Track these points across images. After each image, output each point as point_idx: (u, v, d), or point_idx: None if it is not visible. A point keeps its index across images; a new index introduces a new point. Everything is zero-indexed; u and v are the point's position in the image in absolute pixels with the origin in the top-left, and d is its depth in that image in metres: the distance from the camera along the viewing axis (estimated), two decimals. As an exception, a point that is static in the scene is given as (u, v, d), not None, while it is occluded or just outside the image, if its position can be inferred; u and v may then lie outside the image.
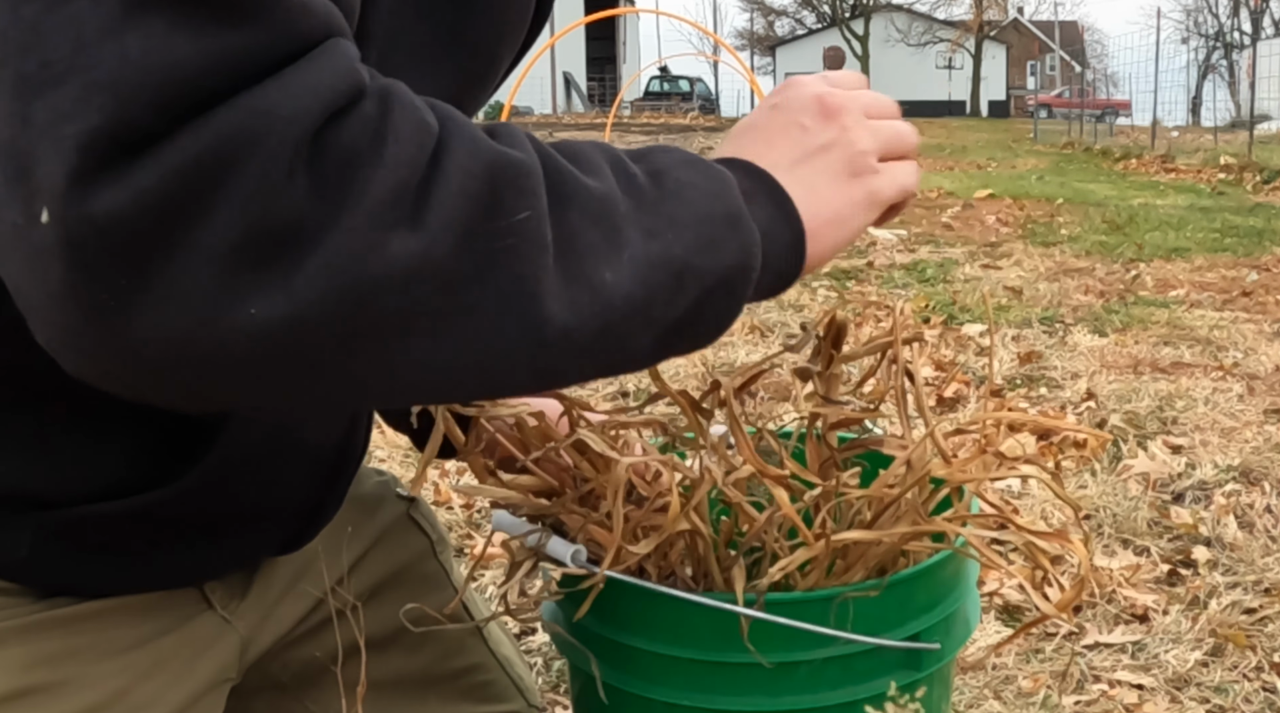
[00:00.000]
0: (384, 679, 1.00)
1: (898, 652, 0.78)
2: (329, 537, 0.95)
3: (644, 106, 40.79)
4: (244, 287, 0.49)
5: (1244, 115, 23.17)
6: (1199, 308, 5.63)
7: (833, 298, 5.81)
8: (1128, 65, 40.56)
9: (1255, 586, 2.58)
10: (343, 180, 0.51)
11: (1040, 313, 5.40)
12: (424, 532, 1.08)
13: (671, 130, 23.85)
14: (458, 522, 2.83)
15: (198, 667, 0.86)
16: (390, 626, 0.99)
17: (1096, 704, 2.14)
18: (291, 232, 0.50)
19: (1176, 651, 2.30)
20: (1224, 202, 10.96)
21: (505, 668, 1.09)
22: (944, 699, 0.86)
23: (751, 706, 0.77)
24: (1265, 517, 2.97)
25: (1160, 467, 3.28)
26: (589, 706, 0.85)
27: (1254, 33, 41.59)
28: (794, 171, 0.71)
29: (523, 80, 12.18)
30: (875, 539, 0.76)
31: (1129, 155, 17.21)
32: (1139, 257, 7.26)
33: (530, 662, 2.28)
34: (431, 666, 1.04)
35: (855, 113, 0.75)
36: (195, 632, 0.86)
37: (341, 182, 0.51)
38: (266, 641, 0.93)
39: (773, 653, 0.75)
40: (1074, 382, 4.22)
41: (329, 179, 0.50)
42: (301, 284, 0.50)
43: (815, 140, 0.73)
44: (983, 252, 7.47)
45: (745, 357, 4.55)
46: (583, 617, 0.80)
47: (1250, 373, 4.35)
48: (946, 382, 4.11)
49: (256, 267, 0.50)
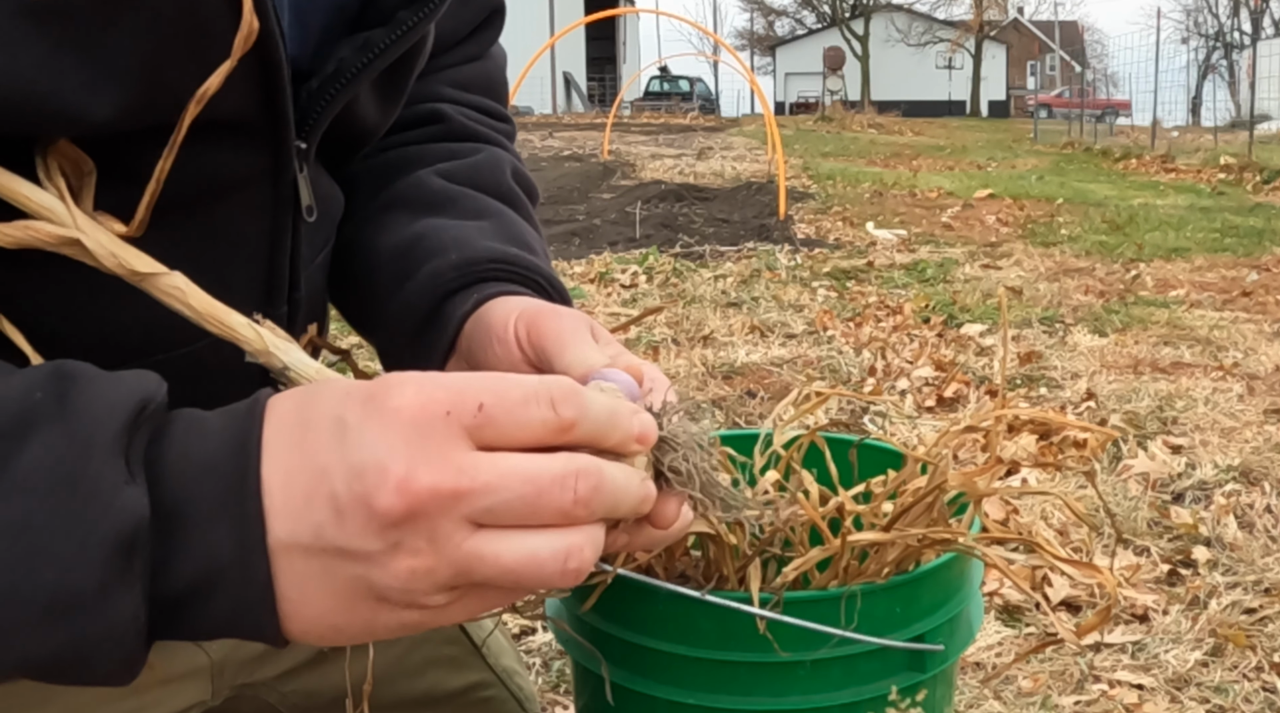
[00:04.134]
0: (386, 704, 1.00)
1: (902, 653, 0.78)
2: None
3: (644, 106, 40.78)
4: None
5: (1244, 115, 23.17)
6: (1199, 308, 5.63)
7: (832, 298, 5.81)
8: (1128, 65, 40.64)
9: (1255, 586, 2.58)
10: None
11: (1040, 313, 5.40)
12: None
13: (671, 130, 23.86)
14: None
15: (164, 692, 0.85)
16: (388, 656, 0.99)
17: (1096, 704, 2.14)
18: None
19: (1176, 651, 2.30)
20: (1224, 201, 10.96)
21: (505, 681, 1.09)
22: (946, 701, 0.86)
23: (756, 705, 0.77)
24: (1265, 517, 2.97)
25: (1160, 467, 3.29)
26: (594, 705, 0.85)
27: (1254, 33, 41.58)
28: (293, 557, 0.49)
29: (523, 80, 12.18)
30: (891, 541, 0.76)
31: (1129, 155, 17.21)
32: (1139, 257, 7.27)
33: (530, 662, 2.29)
34: (433, 688, 1.05)
35: (442, 521, 0.48)
36: (160, 656, 0.85)
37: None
38: (250, 661, 0.92)
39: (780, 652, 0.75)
40: (1074, 382, 4.23)
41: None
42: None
43: (340, 540, 0.48)
44: (983, 252, 7.47)
45: (745, 357, 4.55)
46: (591, 616, 0.80)
47: (1250, 373, 4.35)
48: (946, 382, 4.11)
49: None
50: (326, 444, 0.49)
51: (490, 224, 0.86)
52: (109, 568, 0.46)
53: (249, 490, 0.49)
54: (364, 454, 0.48)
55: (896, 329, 5.06)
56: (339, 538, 0.48)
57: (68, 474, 0.47)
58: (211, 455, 0.50)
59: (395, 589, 0.49)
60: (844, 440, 0.95)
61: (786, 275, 6.42)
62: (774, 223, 8.49)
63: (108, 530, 0.46)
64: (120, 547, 0.46)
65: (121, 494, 0.47)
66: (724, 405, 3.86)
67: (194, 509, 0.48)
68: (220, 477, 0.49)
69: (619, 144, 17.19)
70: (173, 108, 0.58)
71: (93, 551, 0.46)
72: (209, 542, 0.48)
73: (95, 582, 0.46)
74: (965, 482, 0.78)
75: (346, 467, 0.48)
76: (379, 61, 0.74)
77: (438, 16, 0.76)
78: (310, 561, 0.49)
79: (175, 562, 0.48)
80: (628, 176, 12.34)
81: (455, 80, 0.99)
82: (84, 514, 0.46)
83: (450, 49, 0.98)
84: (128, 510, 0.47)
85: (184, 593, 0.49)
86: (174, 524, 0.48)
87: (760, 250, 7.28)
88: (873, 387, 4.13)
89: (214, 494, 0.49)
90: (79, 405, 0.48)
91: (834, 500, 0.81)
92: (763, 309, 5.46)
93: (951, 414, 3.83)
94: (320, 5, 0.74)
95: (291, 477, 0.49)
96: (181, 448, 0.50)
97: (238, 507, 0.49)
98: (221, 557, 0.48)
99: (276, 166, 0.70)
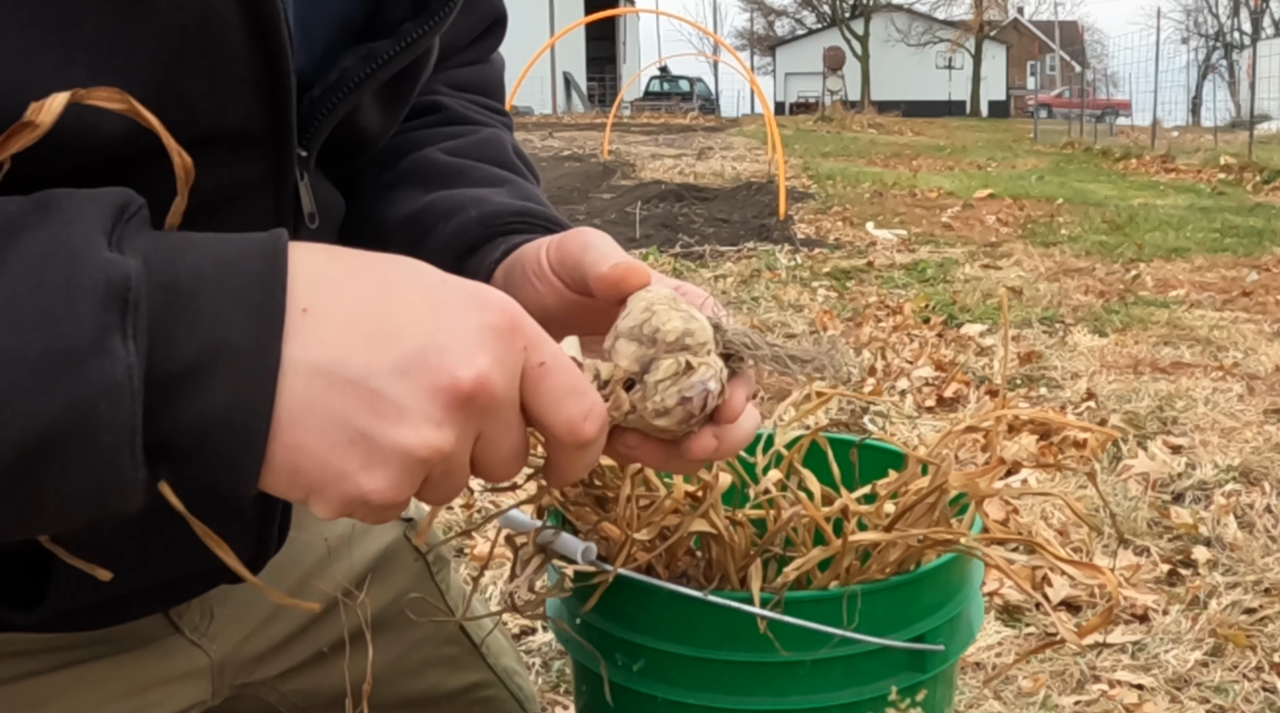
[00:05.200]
0: (386, 704, 1.00)
1: (903, 653, 0.78)
2: (322, 558, 0.95)
3: (644, 106, 40.78)
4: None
5: (1244, 115, 23.18)
6: (1199, 308, 5.63)
7: (832, 298, 5.81)
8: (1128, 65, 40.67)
9: (1255, 586, 2.58)
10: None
11: (1040, 313, 5.40)
12: (420, 554, 1.07)
13: (671, 130, 23.86)
14: (458, 522, 2.84)
15: (164, 693, 0.85)
16: (388, 656, 0.99)
17: (1096, 704, 2.14)
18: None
19: (1176, 651, 2.30)
20: (1224, 201, 10.97)
21: (505, 681, 1.09)
22: (946, 701, 0.86)
23: (756, 705, 0.77)
24: (1265, 517, 2.97)
25: (1160, 467, 3.29)
26: (594, 705, 0.85)
27: (1254, 33, 41.60)
28: (311, 380, 0.49)
29: (523, 80, 12.18)
30: (893, 541, 0.76)
31: (1129, 155, 17.22)
32: (1139, 257, 7.27)
33: (530, 662, 2.29)
34: (433, 688, 1.05)
35: (482, 422, 0.52)
36: (161, 656, 0.86)
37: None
38: (250, 661, 0.92)
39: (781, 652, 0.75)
40: (1074, 382, 4.23)
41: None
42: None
43: (386, 388, 0.50)
44: (983, 252, 7.47)
45: (746, 356, 4.54)
46: (591, 616, 0.81)
47: (1250, 373, 4.35)
48: (946, 382, 4.11)
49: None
50: (413, 308, 0.51)
51: (504, 189, 0.86)
52: (97, 321, 0.46)
53: (275, 284, 0.49)
54: (455, 336, 0.51)
55: (896, 329, 5.06)
56: (387, 387, 0.50)
57: (54, 251, 0.46)
58: (234, 252, 0.50)
59: (394, 455, 0.50)
60: (845, 441, 0.95)
61: (786, 275, 6.42)
62: (774, 223, 8.49)
63: (96, 285, 0.46)
64: (110, 300, 0.46)
65: (109, 256, 0.47)
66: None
67: (209, 291, 0.48)
68: (242, 275, 0.49)
69: (619, 144, 17.19)
70: (184, 123, 0.58)
71: (81, 305, 0.45)
72: (221, 320, 0.48)
73: (86, 336, 0.45)
74: (967, 482, 0.78)
75: (431, 337, 0.51)
76: (382, 72, 0.74)
77: (443, 29, 0.76)
78: (330, 391, 0.49)
79: (182, 332, 0.48)
80: (628, 177, 12.34)
81: (453, 81, 0.99)
82: (72, 276, 0.46)
83: (451, 56, 0.98)
84: (116, 267, 0.46)
85: (185, 370, 0.48)
86: (183, 299, 0.48)
87: (760, 250, 7.28)
88: (873, 387, 4.13)
89: (233, 286, 0.48)
90: (63, 206, 0.48)
91: (838, 502, 0.81)
92: (763, 309, 5.46)
93: (951, 414, 3.83)
94: (326, 16, 0.74)
95: (357, 318, 0.50)
96: (199, 242, 0.50)
97: (260, 296, 0.49)
98: (233, 336, 0.48)
99: (279, 174, 0.70)
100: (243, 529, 0.81)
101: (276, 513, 0.84)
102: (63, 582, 0.72)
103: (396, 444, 0.50)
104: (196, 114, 0.60)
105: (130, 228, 0.49)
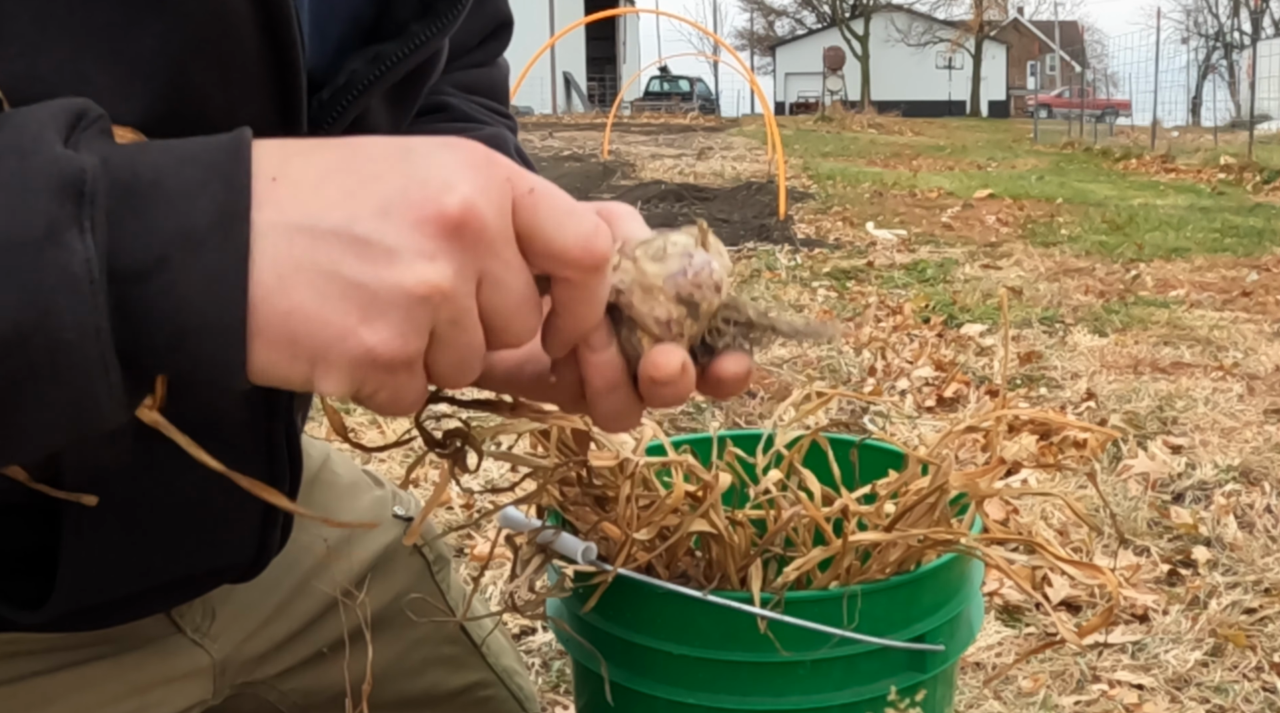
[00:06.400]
0: (386, 703, 1.00)
1: (903, 653, 0.78)
2: (322, 561, 0.95)
3: (644, 106, 40.80)
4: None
5: (1244, 115, 23.18)
6: (1199, 308, 5.63)
7: (832, 298, 5.81)
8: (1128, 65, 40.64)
9: (1255, 586, 2.58)
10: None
11: (1040, 313, 5.40)
12: (420, 553, 1.07)
13: (671, 130, 23.86)
14: (457, 522, 2.84)
15: (166, 692, 0.86)
16: (388, 655, 0.99)
17: (1096, 704, 2.14)
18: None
19: (1176, 651, 2.30)
20: (1224, 201, 10.97)
21: (505, 681, 1.10)
22: (946, 701, 0.86)
23: (756, 705, 0.77)
24: (1265, 517, 2.97)
25: (1160, 467, 3.29)
26: (594, 705, 0.85)
27: (1254, 33, 41.60)
28: (292, 238, 0.48)
29: (523, 80, 12.19)
30: (893, 541, 0.76)
31: (1129, 155, 17.22)
32: (1139, 257, 7.27)
33: (530, 662, 2.29)
34: (433, 687, 1.05)
35: (481, 256, 0.49)
36: (162, 656, 0.86)
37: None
38: (251, 660, 0.92)
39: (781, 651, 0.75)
40: (1074, 382, 4.23)
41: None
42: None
43: (371, 232, 0.48)
44: (983, 252, 7.47)
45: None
46: (591, 616, 0.81)
47: (1250, 373, 4.35)
48: (946, 382, 4.11)
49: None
50: (383, 157, 0.49)
51: None
52: (51, 215, 0.44)
53: (240, 159, 0.47)
54: (432, 170, 0.49)
55: (896, 329, 5.06)
56: (372, 230, 0.48)
57: (4, 151, 0.45)
58: (195, 148, 0.48)
59: (392, 299, 0.48)
60: (845, 441, 0.95)
61: (786, 275, 6.42)
62: (774, 223, 8.49)
63: (49, 178, 0.45)
64: (64, 190, 0.45)
65: (61, 151, 0.45)
66: (724, 406, 3.86)
67: (170, 181, 0.47)
68: (203, 165, 0.47)
69: (619, 144, 17.19)
70: (195, 118, 0.57)
71: (34, 195, 0.44)
72: (185, 207, 0.46)
73: (39, 229, 0.44)
74: (967, 482, 0.78)
75: (408, 176, 0.49)
76: (390, 75, 0.73)
77: (451, 32, 0.76)
78: (314, 245, 0.47)
79: (143, 224, 0.46)
80: (628, 177, 12.34)
81: (459, 83, 0.99)
82: (24, 173, 0.45)
83: (458, 58, 0.98)
84: (70, 161, 0.45)
85: (152, 261, 0.46)
86: (144, 190, 0.46)
87: (760, 250, 7.28)
88: (873, 387, 4.13)
89: (194, 173, 0.47)
90: (14, 116, 0.47)
91: (838, 502, 0.81)
92: (763, 307, 5.46)
93: (951, 414, 3.83)
94: (338, 15, 0.74)
95: (328, 175, 0.49)
96: (159, 143, 0.49)
97: (226, 170, 0.47)
98: (198, 220, 0.46)
99: None
100: (244, 531, 0.82)
101: (279, 514, 0.84)
102: (67, 582, 0.72)
103: (393, 286, 0.48)
104: (207, 109, 0.59)
105: (88, 134, 0.48)
